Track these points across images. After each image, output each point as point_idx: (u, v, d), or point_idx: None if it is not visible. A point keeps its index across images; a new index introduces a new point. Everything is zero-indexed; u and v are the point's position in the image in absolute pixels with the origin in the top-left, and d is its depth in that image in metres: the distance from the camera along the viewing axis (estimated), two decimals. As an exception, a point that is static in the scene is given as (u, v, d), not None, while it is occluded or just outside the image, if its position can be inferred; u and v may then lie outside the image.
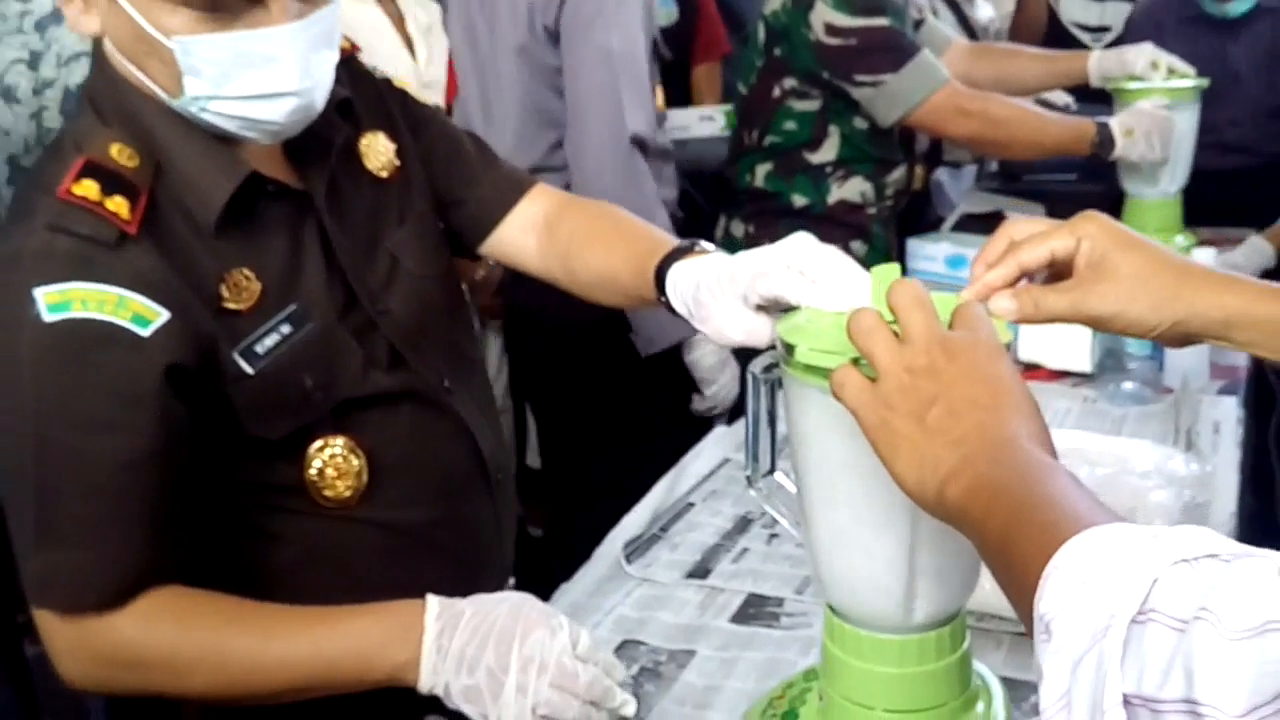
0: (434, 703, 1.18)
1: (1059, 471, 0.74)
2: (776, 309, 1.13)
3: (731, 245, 2.78)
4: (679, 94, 3.49)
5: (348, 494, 1.27)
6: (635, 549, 1.61)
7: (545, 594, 1.52)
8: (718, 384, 2.53)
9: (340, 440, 1.26)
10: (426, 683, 1.14)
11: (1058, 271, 1.07)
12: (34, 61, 1.93)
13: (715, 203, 3.01)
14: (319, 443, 1.25)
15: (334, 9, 1.19)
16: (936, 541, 0.96)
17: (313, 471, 1.25)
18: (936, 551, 0.96)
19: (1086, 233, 1.04)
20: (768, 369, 1.07)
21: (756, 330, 1.16)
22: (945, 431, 0.80)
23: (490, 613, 1.15)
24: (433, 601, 1.17)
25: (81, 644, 1.14)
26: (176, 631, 1.15)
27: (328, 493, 1.27)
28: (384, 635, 1.15)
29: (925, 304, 0.86)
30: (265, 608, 1.18)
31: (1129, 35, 3.54)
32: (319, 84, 1.19)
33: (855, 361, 0.90)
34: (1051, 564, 0.65)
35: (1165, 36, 3.42)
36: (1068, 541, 0.66)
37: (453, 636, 1.13)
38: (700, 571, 1.55)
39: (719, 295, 1.18)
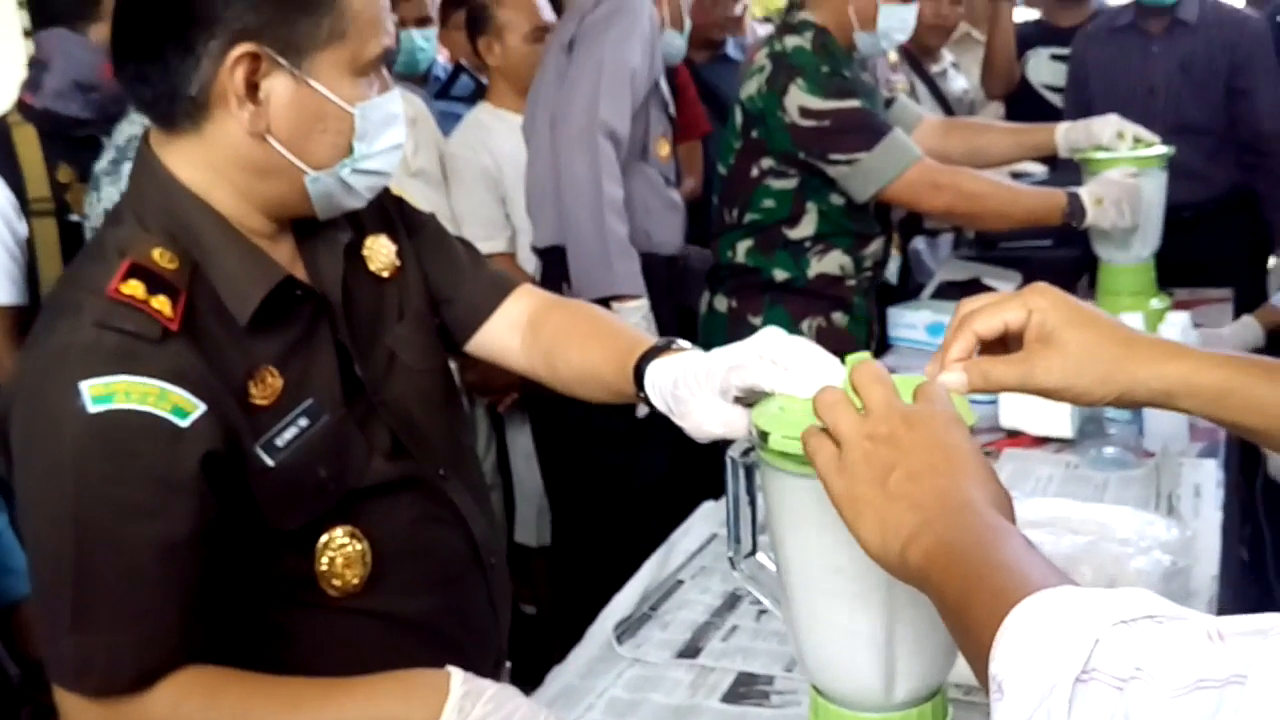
0: None
1: (1013, 535, 0.79)
2: (750, 402, 1.17)
3: (715, 320, 2.85)
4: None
5: (355, 581, 1.32)
6: (626, 629, 1.63)
7: (539, 675, 1.54)
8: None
9: (347, 530, 1.31)
10: None
11: (1011, 342, 1.10)
12: None
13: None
14: (328, 535, 1.30)
15: None
16: (914, 619, 0.99)
17: (323, 562, 1.30)
18: (914, 629, 0.99)
19: (1037, 306, 1.08)
20: (746, 453, 1.10)
21: (733, 422, 1.20)
22: (906, 496, 0.84)
23: (514, 697, 1.20)
24: (456, 671, 1.21)
25: None
26: (204, 706, 1.18)
27: (336, 582, 1.31)
28: (406, 699, 1.19)
29: (884, 379, 0.92)
30: (289, 681, 1.22)
31: (1072, 54, 3.72)
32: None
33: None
34: (1003, 626, 0.69)
35: (1096, 47, 3.61)
36: (1018, 605, 0.70)
37: (475, 703, 1.17)
38: (691, 651, 1.57)
39: (696, 391, 1.23)
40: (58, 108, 2.69)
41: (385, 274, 1.46)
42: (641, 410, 1.82)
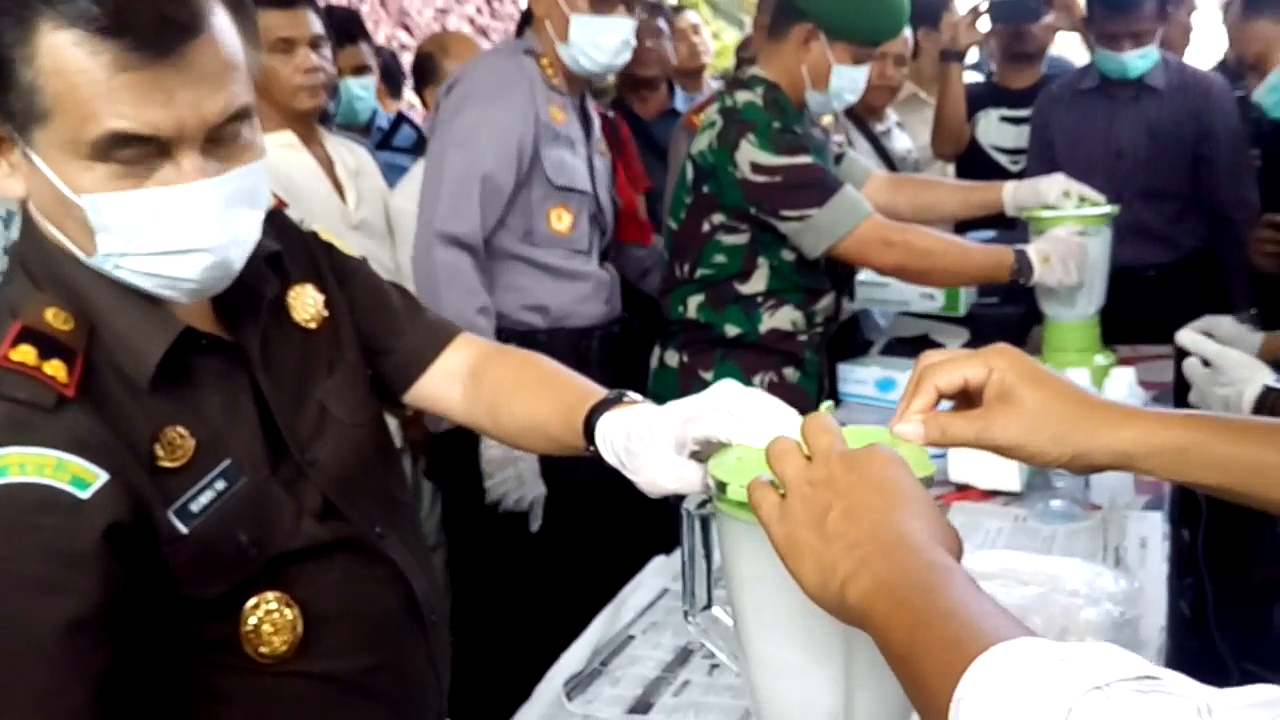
0: None
1: (955, 574, 0.79)
2: (706, 455, 1.16)
3: (665, 374, 2.85)
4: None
5: (284, 649, 1.26)
6: (576, 685, 1.62)
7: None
8: (497, 479, 2.64)
9: (275, 595, 1.26)
10: None
11: (969, 399, 1.12)
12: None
13: (649, 333, 3.07)
14: (254, 600, 1.24)
15: (255, 169, 1.20)
16: (874, 670, 0.98)
17: (248, 628, 1.24)
18: (874, 680, 0.99)
19: (997, 365, 1.09)
20: (701, 505, 1.10)
21: (687, 476, 1.18)
22: (842, 536, 0.85)
23: None
24: None
25: None
26: None
27: (264, 649, 1.25)
28: None
29: (831, 429, 0.93)
30: None
31: (1035, 116, 3.74)
32: (235, 241, 1.19)
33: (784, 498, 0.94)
34: (961, 688, 0.68)
35: (1061, 110, 3.62)
36: (974, 662, 0.69)
37: None
38: (642, 706, 1.56)
39: (650, 444, 1.21)
40: None
41: (312, 325, 1.40)
42: (534, 525, 1.83)
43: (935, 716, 0.71)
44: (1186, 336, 1.99)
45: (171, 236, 1.15)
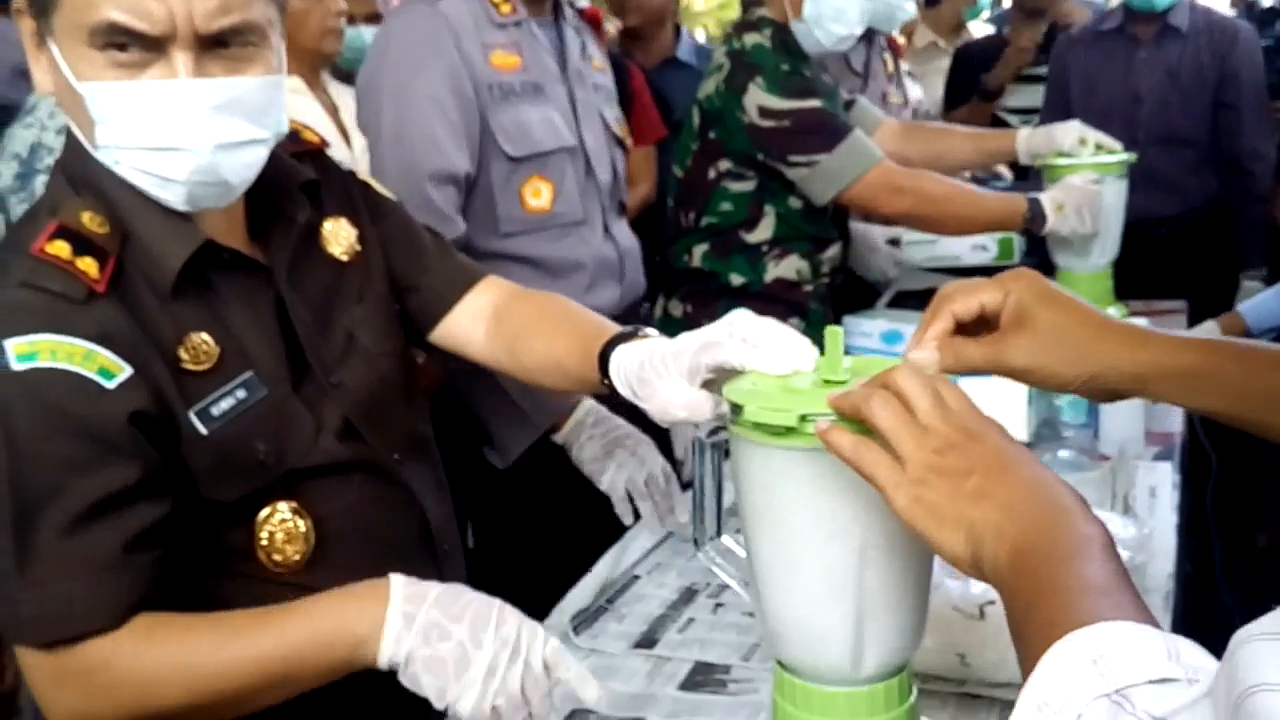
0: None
1: (1095, 547, 0.76)
2: (720, 383, 1.14)
3: (669, 325, 2.81)
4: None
5: (296, 557, 1.30)
6: (582, 621, 1.61)
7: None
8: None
9: (289, 505, 1.29)
10: (388, 651, 1.15)
11: (989, 328, 1.10)
12: None
13: (652, 284, 3.04)
14: (268, 509, 1.28)
15: (258, 84, 1.21)
16: (885, 592, 0.97)
17: (263, 536, 1.28)
18: (885, 602, 0.98)
19: (1013, 288, 1.08)
20: (713, 433, 1.09)
21: (698, 404, 1.18)
22: (988, 495, 0.82)
23: (461, 594, 1.17)
24: (398, 576, 1.19)
25: (65, 679, 1.16)
26: (142, 648, 1.16)
27: (276, 557, 1.29)
28: (345, 609, 1.18)
29: (933, 390, 0.89)
30: (231, 614, 1.20)
31: (1053, 60, 3.66)
32: (224, 149, 1.20)
33: (802, 419, 0.92)
34: (1034, 676, 0.69)
35: (1080, 51, 3.54)
36: (1048, 650, 0.69)
37: (420, 606, 1.15)
38: (647, 641, 1.55)
39: (663, 373, 1.22)
40: (6, 93, 2.66)
41: (345, 258, 1.44)
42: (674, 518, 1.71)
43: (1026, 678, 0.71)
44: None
45: (158, 132, 1.17)
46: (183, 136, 1.18)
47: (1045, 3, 3.95)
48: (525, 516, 2.11)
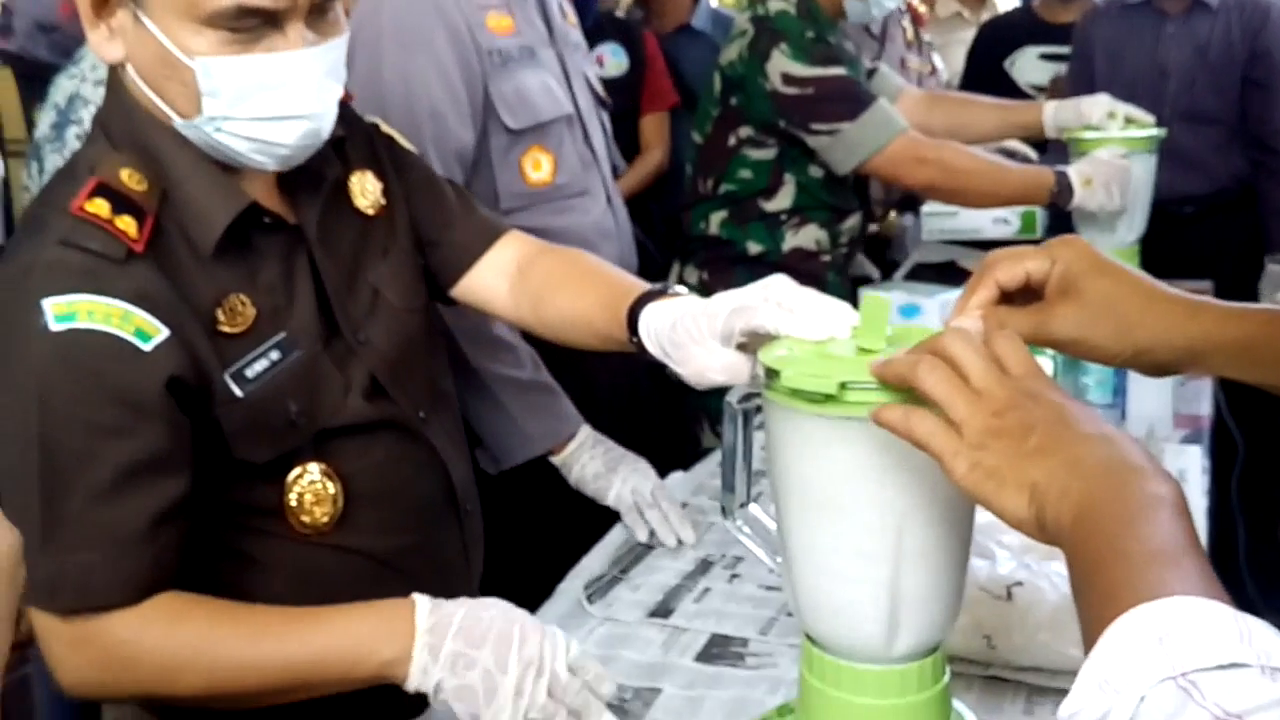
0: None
1: (1164, 508, 0.72)
2: (753, 348, 1.12)
3: (686, 292, 2.78)
4: (628, 142, 3.49)
5: (324, 520, 1.29)
6: (596, 590, 1.58)
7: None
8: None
9: (319, 467, 1.28)
10: (415, 681, 1.15)
11: (1035, 297, 1.06)
12: None
13: (668, 251, 3.00)
14: (299, 469, 1.27)
15: (344, 41, 1.25)
16: (921, 568, 0.94)
17: (292, 497, 1.27)
18: (921, 579, 0.95)
19: (1061, 256, 1.04)
20: (744, 399, 1.06)
21: (736, 367, 1.15)
22: (1051, 453, 0.78)
23: (482, 616, 1.16)
24: (422, 601, 1.17)
25: (81, 647, 1.15)
26: (168, 631, 1.16)
27: (305, 519, 1.28)
28: (372, 633, 1.16)
29: (984, 352, 0.85)
30: (255, 609, 1.20)
31: (1077, 32, 3.57)
32: (327, 111, 1.24)
33: (842, 387, 0.89)
34: (1094, 652, 0.65)
35: (1105, 25, 3.45)
36: (1110, 625, 0.65)
37: (444, 637, 1.14)
38: (663, 611, 1.52)
39: (697, 335, 1.18)
40: (28, 49, 2.66)
41: (370, 211, 1.43)
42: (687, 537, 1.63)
43: (1088, 645, 0.67)
44: None
45: (275, 102, 1.19)
46: (300, 104, 1.21)
47: None
48: (518, 517, 1.96)
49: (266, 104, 1.19)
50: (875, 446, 0.91)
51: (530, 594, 1.59)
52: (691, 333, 1.19)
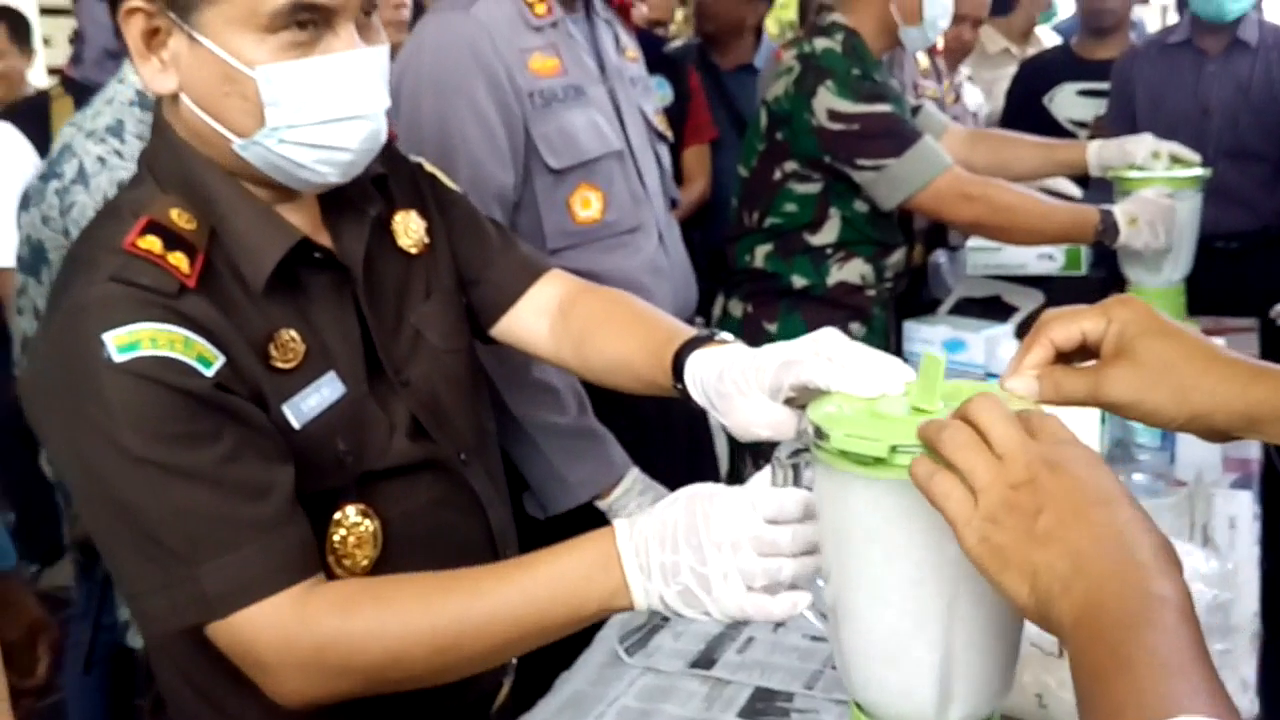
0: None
1: (1169, 611, 0.69)
2: (801, 402, 1.10)
3: (729, 325, 2.77)
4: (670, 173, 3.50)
5: (364, 563, 1.27)
6: (635, 640, 1.56)
7: (546, 680, 1.47)
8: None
9: (357, 509, 1.26)
10: (642, 602, 1.10)
11: (1090, 357, 1.04)
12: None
13: (711, 282, 2.98)
14: (340, 513, 1.25)
15: (386, 51, 1.24)
16: (975, 639, 0.91)
17: (335, 539, 1.25)
18: (975, 650, 0.92)
19: (1117, 316, 1.01)
20: (793, 454, 1.03)
21: (782, 424, 1.13)
22: (1059, 540, 0.75)
23: (668, 517, 1.09)
24: (620, 524, 1.12)
25: (289, 654, 1.12)
26: (378, 612, 1.13)
27: (346, 562, 1.26)
28: (587, 569, 1.11)
29: (1012, 418, 0.82)
30: (460, 572, 1.16)
31: (1116, 73, 3.57)
32: (383, 115, 1.24)
33: (893, 450, 0.87)
34: None
35: (1146, 65, 3.45)
36: None
37: (648, 552, 1.08)
38: (705, 662, 1.50)
39: (744, 388, 1.16)
40: (93, 77, 2.69)
41: (414, 250, 1.41)
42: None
43: None
44: None
45: (337, 103, 1.19)
46: (362, 104, 1.21)
47: (1115, 20, 3.86)
48: None
49: (328, 106, 1.19)
50: (928, 511, 0.87)
51: (568, 642, 1.56)
52: (739, 384, 1.16)
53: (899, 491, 0.88)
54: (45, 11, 3.76)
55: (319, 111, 1.18)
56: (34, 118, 2.68)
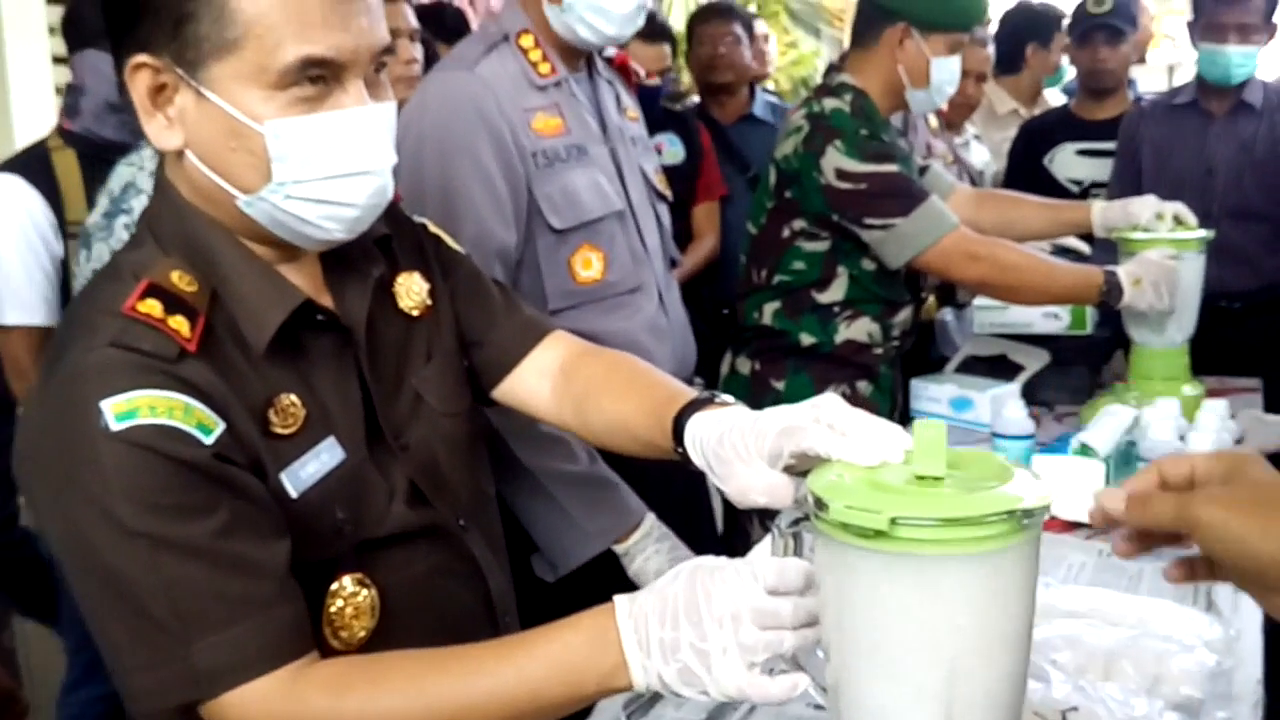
0: None
1: None
2: (802, 469, 1.09)
3: (736, 382, 2.78)
4: (680, 229, 3.53)
5: (362, 634, 1.25)
6: (636, 708, 1.55)
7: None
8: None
9: (354, 578, 1.25)
10: (640, 681, 1.08)
11: None
12: None
13: (720, 337, 2.99)
14: (337, 583, 1.24)
15: (393, 107, 1.24)
16: (977, 710, 0.91)
17: (333, 610, 1.23)
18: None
19: (1230, 457, 0.97)
20: (794, 523, 1.03)
21: (779, 491, 1.12)
22: None
23: (669, 592, 1.07)
24: (620, 600, 1.10)
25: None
26: (371, 693, 1.11)
27: (343, 634, 1.24)
28: (585, 647, 1.09)
29: None
30: (454, 650, 1.14)
31: (1122, 132, 3.63)
32: (389, 169, 1.24)
33: (893, 523, 0.87)
34: None
35: (1151, 125, 3.51)
36: None
37: (647, 628, 1.06)
38: (709, 730, 1.49)
39: (743, 453, 1.15)
40: (93, 130, 2.70)
41: (416, 313, 1.41)
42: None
43: None
44: None
45: (344, 158, 1.19)
46: (369, 159, 1.21)
47: (1114, 81, 3.90)
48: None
49: (335, 161, 1.19)
50: (928, 583, 0.88)
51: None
52: (738, 449, 1.15)
53: (900, 563, 0.88)
54: (59, 60, 3.78)
55: (326, 167, 1.18)
56: (39, 170, 2.69)
